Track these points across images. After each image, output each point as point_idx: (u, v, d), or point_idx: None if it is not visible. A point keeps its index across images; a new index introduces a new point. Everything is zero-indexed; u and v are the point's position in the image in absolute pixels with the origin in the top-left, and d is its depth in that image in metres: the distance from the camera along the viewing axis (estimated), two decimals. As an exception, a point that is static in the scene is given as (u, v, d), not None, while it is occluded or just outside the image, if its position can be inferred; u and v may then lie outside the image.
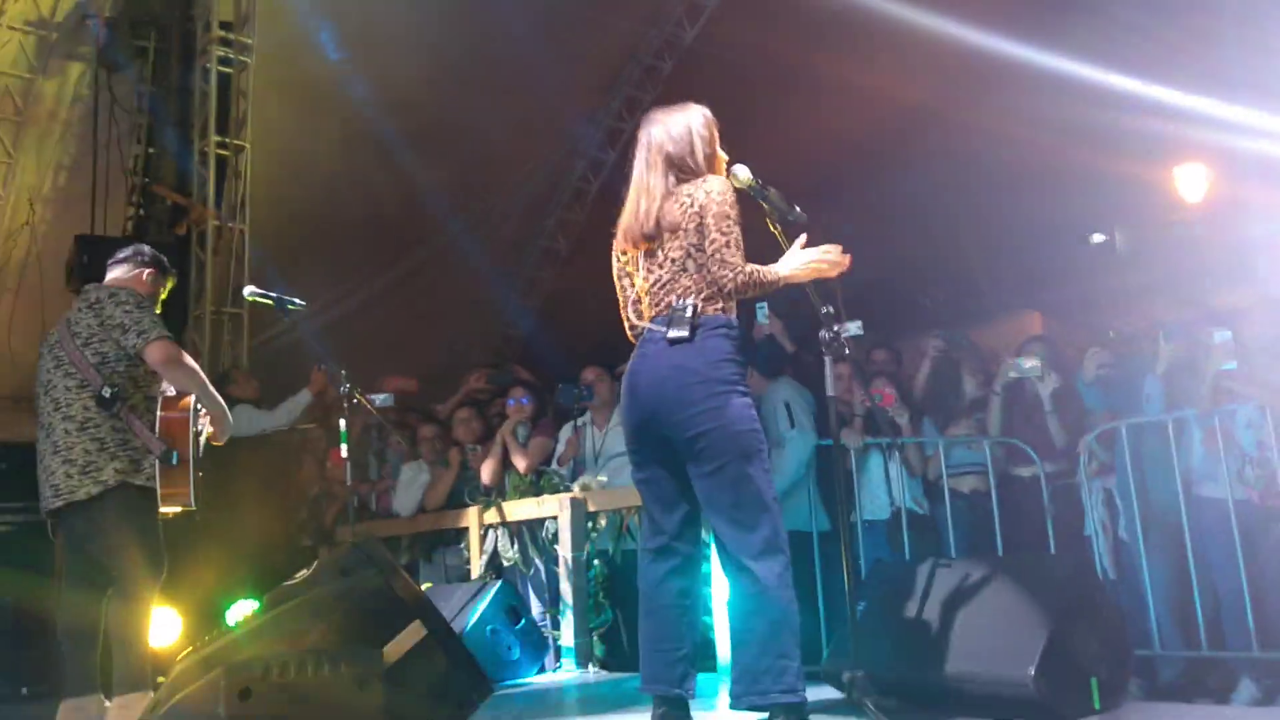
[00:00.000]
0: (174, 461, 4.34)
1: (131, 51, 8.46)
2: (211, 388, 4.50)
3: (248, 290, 5.47)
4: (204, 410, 4.51)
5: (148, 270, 4.63)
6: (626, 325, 3.64)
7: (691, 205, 3.40)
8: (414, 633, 3.47)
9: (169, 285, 4.80)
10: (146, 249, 4.74)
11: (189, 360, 4.44)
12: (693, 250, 3.40)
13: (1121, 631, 3.96)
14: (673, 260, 3.43)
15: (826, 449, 5.62)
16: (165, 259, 4.77)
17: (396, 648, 3.42)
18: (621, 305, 3.64)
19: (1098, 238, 19.61)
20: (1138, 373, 5.59)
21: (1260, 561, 4.91)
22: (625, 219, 3.56)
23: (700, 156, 3.52)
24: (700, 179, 3.47)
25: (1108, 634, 3.81)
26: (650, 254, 3.50)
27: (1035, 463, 5.68)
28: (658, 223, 3.45)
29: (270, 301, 5.30)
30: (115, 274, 4.62)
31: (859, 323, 6.34)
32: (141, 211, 8.41)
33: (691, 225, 3.39)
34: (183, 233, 8.18)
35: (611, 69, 11.50)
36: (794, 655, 3.26)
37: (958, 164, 12.87)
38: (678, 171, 3.50)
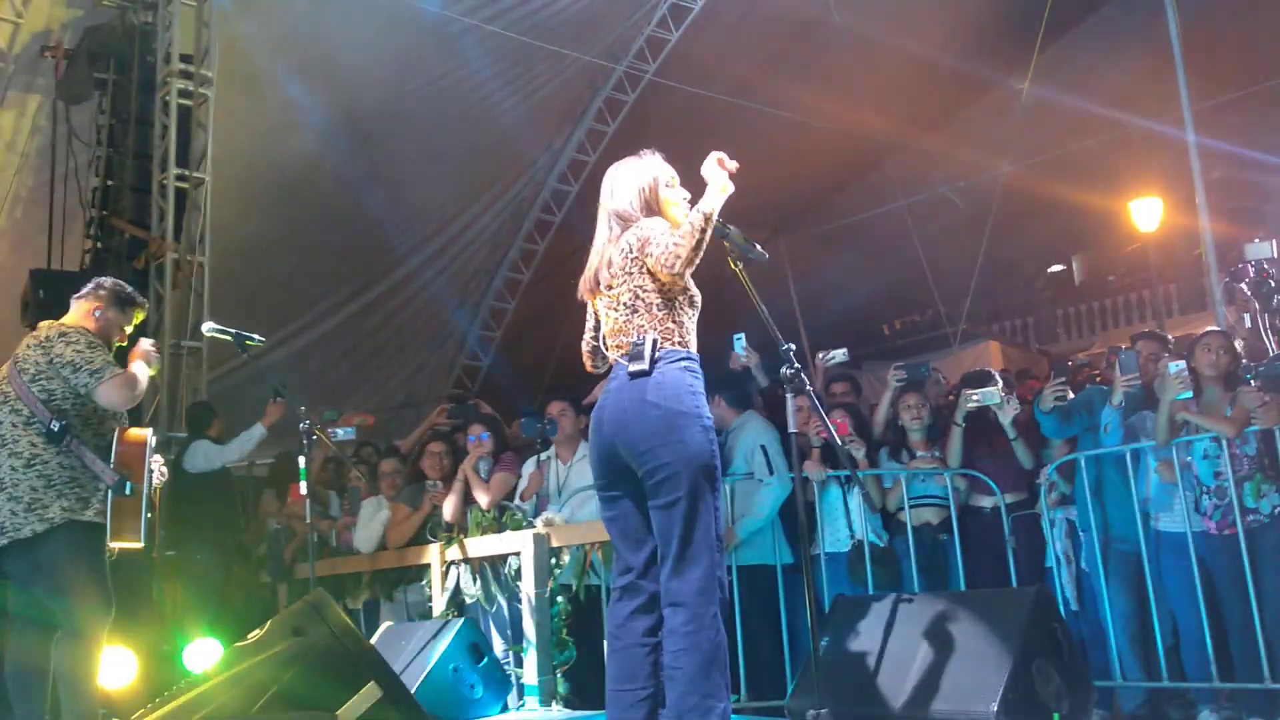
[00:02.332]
0: (128, 492, 4.24)
1: (90, 84, 8.38)
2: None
3: (206, 327, 5.41)
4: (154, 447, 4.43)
5: (97, 306, 4.55)
6: (586, 360, 3.76)
7: (630, 251, 3.49)
8: (369, 694, 3.42)
9: (137, 318, 4.72)
10: (107, 283, 4.65)
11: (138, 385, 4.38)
12: (640, 291, 3.47)
13: (1083, 665, 3.99)
14: (624, 304, 3.50)
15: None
16: (128, 291, 4.67)
17: (351, 710, 3.36)
18: (584, 344, 3.76)
19: (1055, 268, 19.85)
20: (1096, 402, 5.65)
21: (1218, 592, 4.95)
22: (584, 273, 3.67)
23: (639, 205, 3.58)
24: (637, 223, 3.53)
25: (1069, 668, 3.83)
26: (605, 301, 3.58)
27: (996, 494, 5.71)
28: (605, 270, 3.55)
29: (229, 338, 5.24)
30: (71, 311, 4.56)
31: (844, 350, 6.37)
32: (99, 245, 8.33)
33: (635, 268, 3.47)
34: (141, 266, 8.09)
35: (574, 101, 11.54)
36: (720, 695, 3.28)
37: (918, 195, 13.01)
38: (622, 223, 3.58)
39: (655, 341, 3.42)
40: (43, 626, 4.24)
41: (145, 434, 4.43)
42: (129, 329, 4.70)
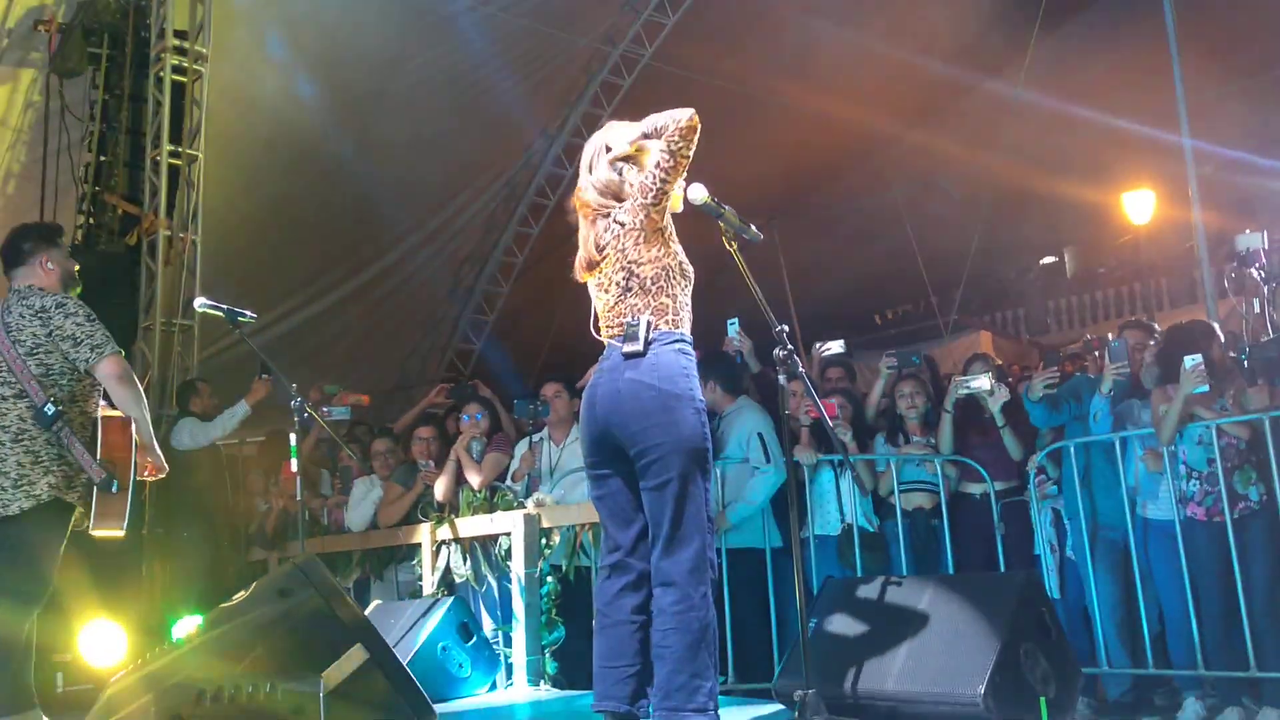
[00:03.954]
0: (114, 489, 4.19)
1: (84, 58, 8.33)
2: (148, 417, 4.39)
3: (198, 302, 5.39)
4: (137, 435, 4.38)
5: (39, 258, 4.43)
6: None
7: (621, 228, 3.47)
8: (355, 656, 3.42)
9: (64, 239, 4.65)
10: (15, 232, 4.52)
11: (137, 382, 4.36)
12: (633, 268, 3.45)
13: (1069, 650, 4.01)
14: (615, 283, 3.49)
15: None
16: (34, 224, 4.65)
17: (337, 671, 3.35)
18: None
19: (1047, 259, 19.88)
20: (1084, 391, 5.67)
21: (1204, 580, 4.98)
22: (577, 253, 3.64)
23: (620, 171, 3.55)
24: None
25: (1056, 653, 3.85)
26: (596, 281, 3.57)
27: (985, 480, 5.74)
28: (596, 249, 3.53)
29: (221, 314, 5.22)
30: (21, 280, 4.43)
31: (840, 341, 6.37)
32: (92, 220, 8.28)
33: (629, 242, 3.45)
34: (133, 242, 8.05)
35: (569, 85, 11.51)
36: (708, 675, 3.30)
37: (911, 186, 13.02)
38: (611, 197, 3.55)
39: (650, 323, 3.42)
40: (19, 601, 4.22)
41: (132, 426, 4.33)
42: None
